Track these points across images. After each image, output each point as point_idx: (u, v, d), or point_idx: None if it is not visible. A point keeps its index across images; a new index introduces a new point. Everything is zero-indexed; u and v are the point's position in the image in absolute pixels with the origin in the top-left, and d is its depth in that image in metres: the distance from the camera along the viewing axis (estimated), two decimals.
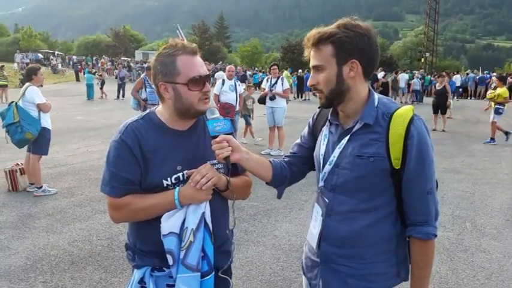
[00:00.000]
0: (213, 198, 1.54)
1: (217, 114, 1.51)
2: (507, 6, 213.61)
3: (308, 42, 1.42)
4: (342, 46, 1.36)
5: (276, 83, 8.02)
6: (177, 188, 1.50)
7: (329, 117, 1.52)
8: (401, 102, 9.56)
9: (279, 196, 1.70)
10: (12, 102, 5.36)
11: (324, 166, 1.49)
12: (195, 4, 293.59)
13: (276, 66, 8.35)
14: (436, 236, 1.41)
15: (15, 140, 5.25)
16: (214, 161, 1.59)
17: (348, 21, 1.38)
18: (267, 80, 8.33)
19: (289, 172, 1.66)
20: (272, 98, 7.98)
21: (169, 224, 1.48)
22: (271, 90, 8.02)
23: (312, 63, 1.43)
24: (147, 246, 1.56)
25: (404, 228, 1.45)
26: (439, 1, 49.39)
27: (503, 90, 9.98)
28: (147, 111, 1.64)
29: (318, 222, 1.51)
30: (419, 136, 1.35)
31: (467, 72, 32.25)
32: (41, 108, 5.30)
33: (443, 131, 11.65)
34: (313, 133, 1.64)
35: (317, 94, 1.46)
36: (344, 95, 1.41)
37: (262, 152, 7.80)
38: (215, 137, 1.46)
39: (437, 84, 12.24)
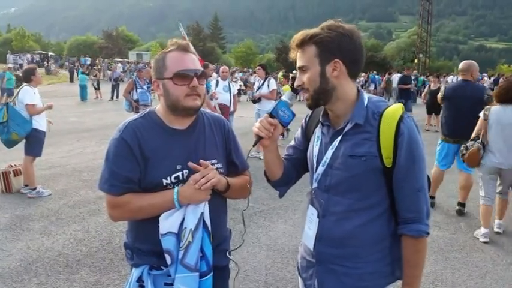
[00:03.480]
0: (212, 198, 1.54)
1: (292, 102, 1.50)
2: (499, 7, 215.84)
3: (293, 43, 1.45)
4: (324, 46, 1.38)
5: (262, 84, 8.02)
6: (177, 188, 1.50)
7: (320, 119, 1.53)
8: (395, 103, 9.52)
9: (281, 195, 1.72)
10: (7, 102, 5.34)
11: (317, 167, 1.50)
12: (189, 5, 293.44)
13: (260, 67, 8.32)
14: (428, 233, 1.42)
15: (3, 139, 5.24)
16: (214, 161, 1.59)
17: (332, 23, 1.41)
18: (257, 82, 8.36)
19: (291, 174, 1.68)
20: (258, 100, 8.01)
21: (167, 223, 1.47)
22: (253, 94, 8.10)
23: (297, 64, 1.46)
24: (146, 245, 1.56)
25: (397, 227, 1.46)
26: (432, 2, 49.73)
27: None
28: (147, 110, 1.64)
29: (314, 223, 1.51)
30: (410, 134, 1.37)
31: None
32: (28, 109, 5.22)
33: (436, 131, 11.72)
34: (306, 135, 1.65)
35: (305, 94, 1.47)
36: (330, 94, 1.42)
37: (250, 155, 7.71)
38: (272, 116, 1.47)
39: (431, 85, 12.31)
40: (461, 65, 5.09)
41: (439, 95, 5.33)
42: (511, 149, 4.12)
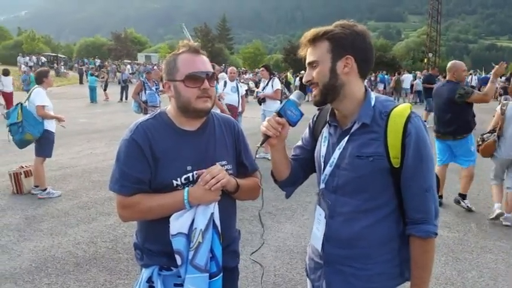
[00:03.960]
0: (222, 199, 1.54)
1: (300, 101, 1.50)
2: (509, 6, 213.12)
3: (305, 39, 1.44)
4: (337, 41, 1.39)
5: (267, 85, 8.02)
6: (187, 188, 1.51)
7: (328, 119, 1.53)
8: (404, 103, 9.31)
9: (288, 196, 1.71)
10: (19, 103, 5.41)
11: (324, 168, 1.50)
12: (196, 6, 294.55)
13: (264, 68, 8.31)
14: (436, 234, 1.40)
15: (16, 140, 5.29)
16: (224, 162, 1.60)
17: (345, 22, 1.42)
18: (262, 82, 8.38)
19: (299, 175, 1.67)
20: (262, 101, 8.00)
21: (178, 224, 1.48)
22: (258, 94, 8.11)
23: (307, 60, 1.45)
24: (156, 245, 1.56)
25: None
26: (441, 1, 49.29)
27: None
28: (158, 111, 1.65)
29: (322, 224, 1.51)
30: (417, 133, 1.36)
31: (470, 72, 32.19)
32: (37, 110, 5.27)
33: None
34: (314, 135, 1.65)
35: (313, 90, 1.46)
36: (338, 91, 1.41)
37: (257, 156, 7.68)
38: (280, 115, 1.47)
39: None
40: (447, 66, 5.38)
41: None
42: None
